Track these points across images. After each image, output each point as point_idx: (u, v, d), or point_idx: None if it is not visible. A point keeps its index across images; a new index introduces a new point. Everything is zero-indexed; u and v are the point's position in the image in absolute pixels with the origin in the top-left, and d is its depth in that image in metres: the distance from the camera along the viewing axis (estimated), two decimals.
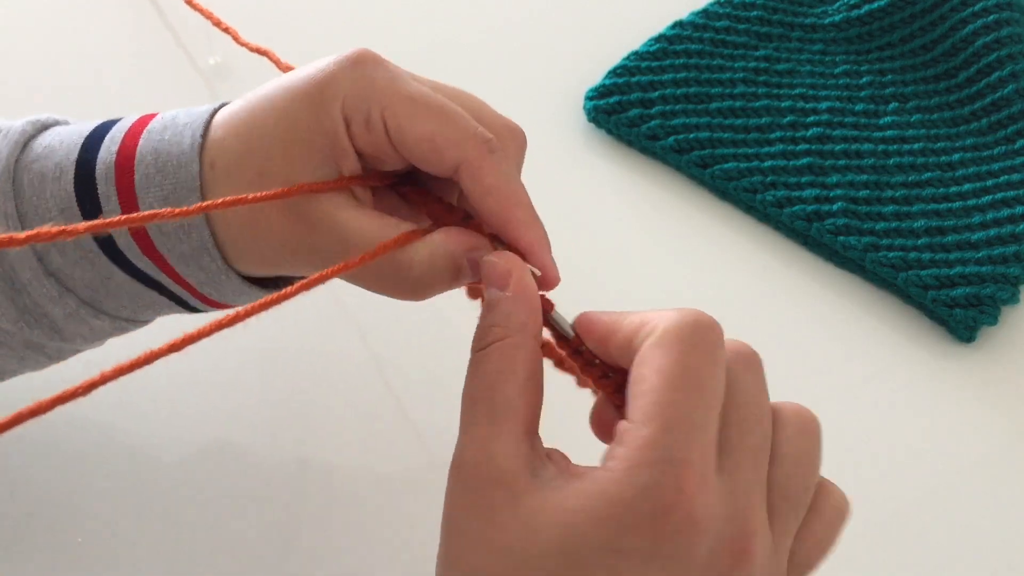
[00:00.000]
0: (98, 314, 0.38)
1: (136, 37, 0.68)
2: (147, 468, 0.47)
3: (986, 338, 0.57)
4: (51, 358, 0.41)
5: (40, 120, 0.38)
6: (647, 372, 0.30)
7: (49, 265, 0.36)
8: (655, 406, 0.29)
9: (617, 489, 0.28)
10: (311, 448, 0.49)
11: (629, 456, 0.28)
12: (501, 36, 0.71)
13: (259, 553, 0.45)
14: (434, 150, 0.34)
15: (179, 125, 0.36)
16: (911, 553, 0.49)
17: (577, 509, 0.28)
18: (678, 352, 0.30)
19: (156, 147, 0.35)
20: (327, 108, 0.34)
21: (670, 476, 0.28)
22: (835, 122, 0.65)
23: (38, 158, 0.36)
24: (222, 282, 0.36)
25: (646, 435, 0.28)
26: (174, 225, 0.35)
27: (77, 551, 0.44)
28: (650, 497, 0.28)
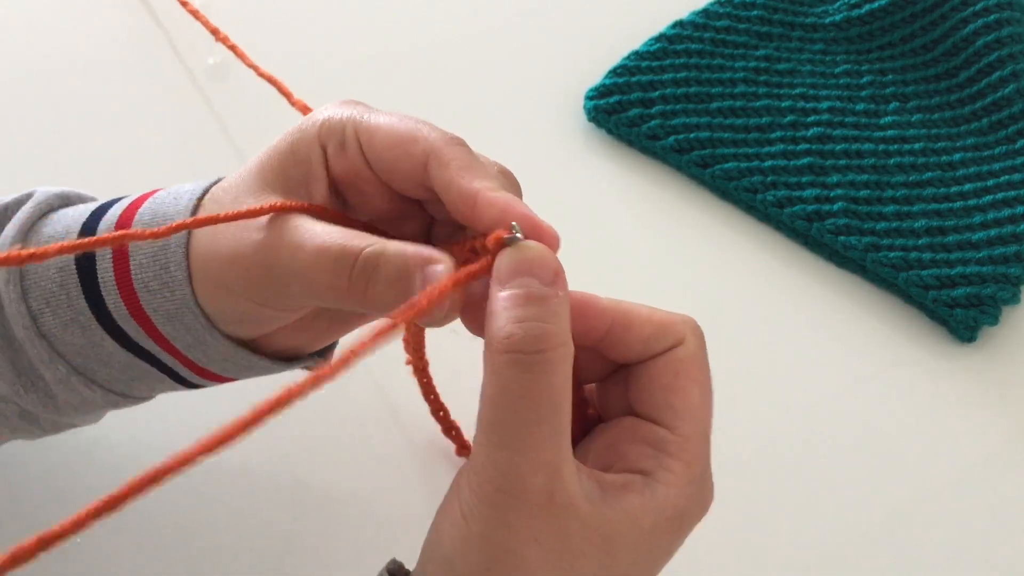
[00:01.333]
0: (90, 384, 0.37)
1: (135, 37, 0.68)
2: (146, 468, 0.47)
3: (987, 338, 0.57)
4: (44, 431, 0.41)
5: (68, 193, 0.39)
6: (689, 385, 0.32)
7: (42, 326, 0.36)
8: (700, 422, 0.31)
9: (683, 502, 0.31)
10: (308, 446, 0.49)
11: (684, 471, 0.31)
12: (501, 36, 0.71)
13: (258, 552, 0.45)
14: (402, 150, 0.33)
15: (182, 191, 0.36)
16: (911, 553, 0.49)
17: (651, 528, 0.30)
18: (706, 364, 0.32)
19: (155, 208, 0.36)
20: (304, 137, 0.34)
21: (709, 486, 0.32)
22: (836, 122, 0.64)
23: (51, 222, 0.37)
24: (208, 343, 0.36)
25: (696, 450, 0.31)
26: (159, 283, 0.35)
27: (77, 551, 0.44)
28: (701, 506, 0.32)
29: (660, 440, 0.31)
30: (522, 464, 0.28)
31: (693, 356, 0.32)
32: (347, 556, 0.46)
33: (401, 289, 0.30)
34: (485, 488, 0.29)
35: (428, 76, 0.67)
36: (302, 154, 0.34)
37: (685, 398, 0.31)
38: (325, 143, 0.34)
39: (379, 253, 0.31)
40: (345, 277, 0.31)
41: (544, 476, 0.28)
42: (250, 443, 0.49)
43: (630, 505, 0.30)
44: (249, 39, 0.65)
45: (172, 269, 0.34)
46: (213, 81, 0.65)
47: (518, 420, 0.28)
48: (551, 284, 0.29)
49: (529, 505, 0.28)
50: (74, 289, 0.35)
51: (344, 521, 0.47)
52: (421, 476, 0.49)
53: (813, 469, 0.51)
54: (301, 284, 0.32)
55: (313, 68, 0.67)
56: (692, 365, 0.32)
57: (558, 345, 0.29)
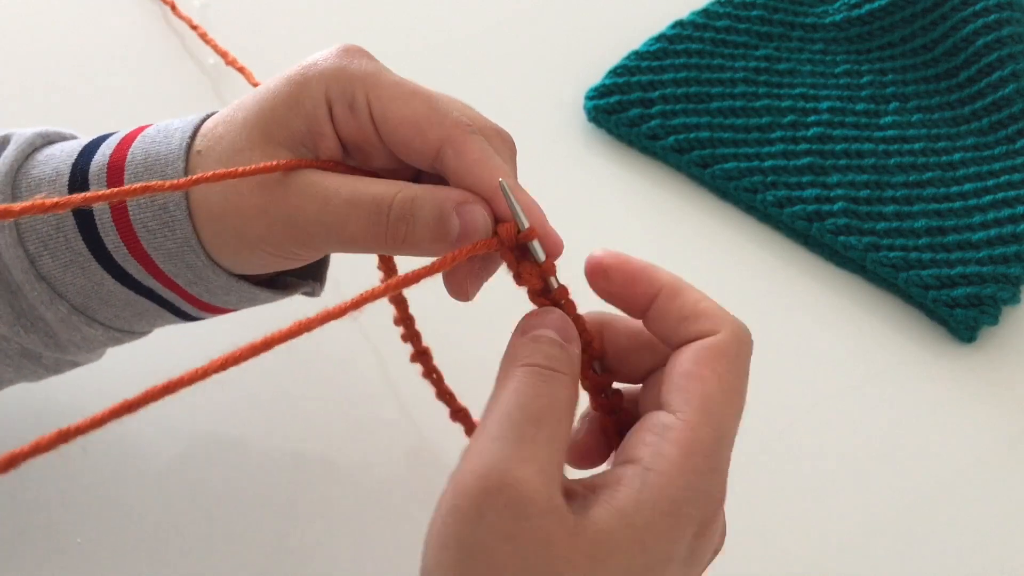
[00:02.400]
0: (91, 322, 0.38)
1: (139, 35, 0.68)
2: (146, 468, 0.47)
3: (987, 338, 0.57)
4: (48, 369, 0.41)
5: (48, 132, 0.38)
6: (708, 374, 0.30)
7: (41, 268, 0.36)
8: (712, 414, 0.29)
9: (677, 493, 0.28)
10: (309, 446, 0.49)
11: (682, 459, 0.28)
12: (501, 36, 0.71)
13: (257, 552, 0.45)
14: (418, 132, 0.33)
15: (171, 129, 0.36)
16: (911, 552, 0.49)
17: (644, 526, 0.28)
18: (739, 365, 0.31)
19: (147, 148, 0.36)
20: (308, 89, 0.34)
21: (719, 486, 0.29)
22: (836, 122, 0.64)
23: (38, 164, 0.37)
24: (209, 279, 0.36)
25: (702, 440, 0.29)
26: (158, 223, 0.35)
27: (77, 551, 0.44)
28: (705, 505, 0.29)
29: (663, 425, 0.29)
30: (513, 456, 0.28)
31: (723, 350, 0.31)
32: (343, 553, 0.46)
33: (439, 230, 0.32)
34: (468, 481, 0.28)
35: (428, 76, 0.67)
36: (307, 107, 0.34)
37: (700, 385, 0.30)
38: (332, 102, 0.34)
39: (413, 198, 0.33)
40: (382, 224, 0.33)
41: (531, 472, 0.28)
42: (249, 442, 0.49)
43: (620, 502, 0.28)
44: (249, 39, 0.65)
45: (171, 209, 0.35)
46: (221, 73, 0.65)
47: (522, 416, 0.29)
48: (568, 342, 0.32)
49: (510, 500, 0.27)
50: (71, 231, 0.35)
51: (342, 518, 0.47)
52: (428, 460, 0.49)
53: (813, 469, 0.51)
54: (330, 234, 0.33)
55: None
56: (718, 357, 0.30)
57: (568, 374, 0.31)
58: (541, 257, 0.33)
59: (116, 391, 0.41)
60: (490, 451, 0.28)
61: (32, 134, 0.38)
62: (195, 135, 0.36)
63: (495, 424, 0.29)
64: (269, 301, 0.39)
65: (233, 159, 0.34)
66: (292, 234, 0.34)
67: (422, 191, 0.33)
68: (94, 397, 0.48)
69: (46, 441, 0.23)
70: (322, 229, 0.33)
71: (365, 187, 0.33)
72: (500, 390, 0.30)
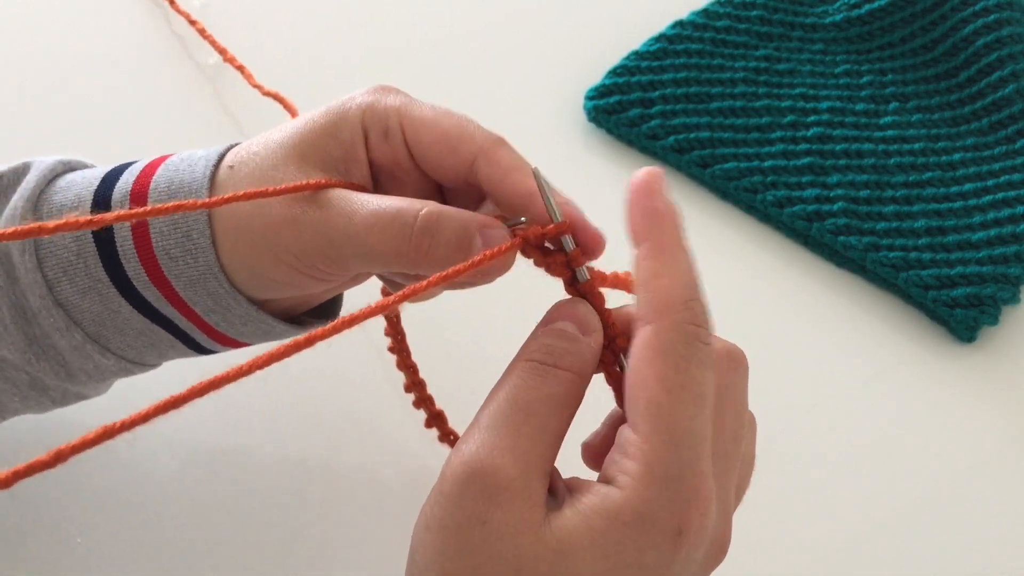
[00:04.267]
0: (104, 351, 0.38)
1: (137, 35, 0.68)
2: (146, 468, 0.47)
3: (986, 338, 0.57)
4: (54, 402, 0.41)
5: (70, 161, 0.39)
6: (647, 377, 0.29)
7: (59, 295, 0.36)
8: (662, 419, 0.29)
9: (641, 506, 0.28)
10: (312, 449, 0.49)
11: (644, 473, 0.28)
12: (501, 36, 0.71)
13: (258, 553, 0.45)
14: (450, 148, 0.35)
15: (195, 158, 0.37)
16: (911, 552, 0.49)
17: (605, 530, 0.28)
18: (679, 359, 0.29)
19: (171, 176, 0.36)
20: (347, 120, 0.36)
21: (688, 492, 0.29)
22: (836, 122, 0.64)
23: (59, 191, 0.37)
24: (230, 307, 0.37)
25: (658, 450, 0.28)
26: (181, 250, 0.35)
27: (77, 551, 0.44)
28: (676, 512, 0.28)
29: (625, 443, 0.29)
30: (497, 443, 0.29)
31: (653, 344, 0.29)
32: (346, 556, 0.46)
33: (462, 248, 0.33)
34: (453, 466, 0.29)
35: (428, 76, 0.67)
36: (344, 136, 0.36)
37: (644, 392, 0.29)
38: (368, 130, 0.36)
39: (438, 213, 0.33)
40: (406, 236, 0.33)
41: (512, 460, 0.29)
42: (251, 444, 0.49)
43: (583, 506, 0.29)
44: (249, 39, 0.65)
45: (195, 236, 0.35)
46: (221, 75, 0.65)
47: (512, 408, 0.30)
48: (586, 334, 0.32)
49: (485, 484, 0.28)
50: (91, 258, 0.36)
51: (346, 522, 0.47)
52: (431, 468, 0.49)
53: (813, 469, 0.51)
54: (358, 249, 0.34)
55: (313, 68, 0.67)
56: (654, 355, 0.29)
57: (571, 369, 0.31)
58: (570, 247, 0.34)
59: (110, 398, 0.40)
60: (475, 439, 0.30)
61: (53, 161, 0.38)
62: (219, 162, 0.36)
63: (486, 415, 0.30)
64: (284, 337, 0.39)
65: (267, 175, 0.35)
66: (319, 245, 0.34)
67: (448, 209, 0.34)
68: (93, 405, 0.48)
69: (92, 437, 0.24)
70: (348, 241, 0.34)
71: (392, 201, 0.34)
72: (501, 383, 0.31)
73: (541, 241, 0.34)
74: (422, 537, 0.30)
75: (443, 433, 0.46)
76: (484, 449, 0.29)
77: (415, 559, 0.30)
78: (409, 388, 0.45)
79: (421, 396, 0.46)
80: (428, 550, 0.29)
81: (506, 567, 0.28)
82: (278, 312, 0.39)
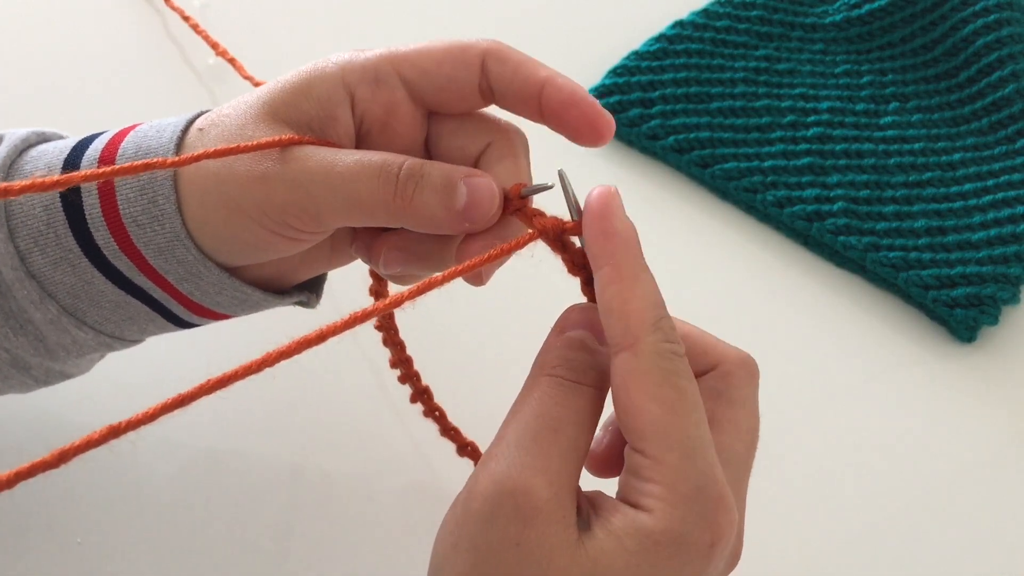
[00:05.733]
0: (81, 325, 0.37)
1: (135, 36, 0.68)
2: (146, 469, 0.47)
3: (986, 338, 0.57)
4: (37, 381, 0.40)
5: (43, 132, 0.38)
6: (643, 403, 0.29)
7: (31, 266, 0.36)
8: (668, 437, 0.29)
9: (674, 526, 0.28)
10: (310, 448, 0.49)
11: (667, 493, 0.28)
12: (501, 36, 0.71)
13: (256, 553, 0.45)
14: (459, 59, 0.34)
15: (164, 124, 0.36)
16: (911, 552, 0.49)
17: (639, 551, 0.28)
18: (667, 375, 0.29)
19: (139, 142, 0.36)
20: (322, 76, 0.35)
21: (715, 501, 0.29)
22: (836, 122, 0.64)
23: (30, 160, 0.36)
24: (201, 275, 0.36)
25: (673, 467, 0.29)
26: (147, 217, 0.35)
27: (77, 551, 0.44)
28: (708, 526, 0.29)
29: (637, 466, 0.29)
30: (528, 464, 0.29)
31: (638, 369, 0.29)
32: (342, 564, 0.46)
33: (446, 197, 0.33)
34: (483, 484, 0.29)
35: None
36: (320, 93, 0.34)
37: (643, 417, 0.29)
38: (353, 85, 0.35)
39: (422, 163, 0.33)
40: (391, 185, 0.33)
41: (544, 482, 0.28)
42: (248, 447, 0.49)
43: (615, 527, 0.29)
44: (247, 39, 0.65)
45: (160, 202, 0.34)
46: (216, 78, 0.65)
47: (540, 425, 0.30)
48: (603, 344, 0.32)
49: (518, 506, 0.28)
50: (62, 227, 0.35)
51: (344, 517, 0.47)
52: (425, 474, 0.49)
53: (813, 469, 0.51)
54: (339, 198, 0.33)
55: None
56: (641, 379, 0.29)
57: (594, 384, 0.31)
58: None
59: (113, 398, 0.41)
60: (506, 457, 0.29)
61: (26, 132, 0.38)
62: (188, 128, 0.36)
63: (514, 431, 0.30)
64: (261, 306, 0.38)
65: (236, 134, 0.34)
66: (295, 198, 0.33)
67: (430, 162, 0.33)
68: (88, 404, 0.48)
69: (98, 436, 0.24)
70: (327, 191, 0.33)
71: (373, 154, 0.33)
72: (524, 397, 0.31)
73: (559, 233, 0.33)
74: (450, 556, 0.29)
75: (428, 409, 0.45)
76: (515, 469, 0.29)
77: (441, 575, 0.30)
78: (395, 364, 0.44)
79: (407, 373, 0.44)
80: (457, 570, 0.29)
81: None
82: (255, 283, 0.38)
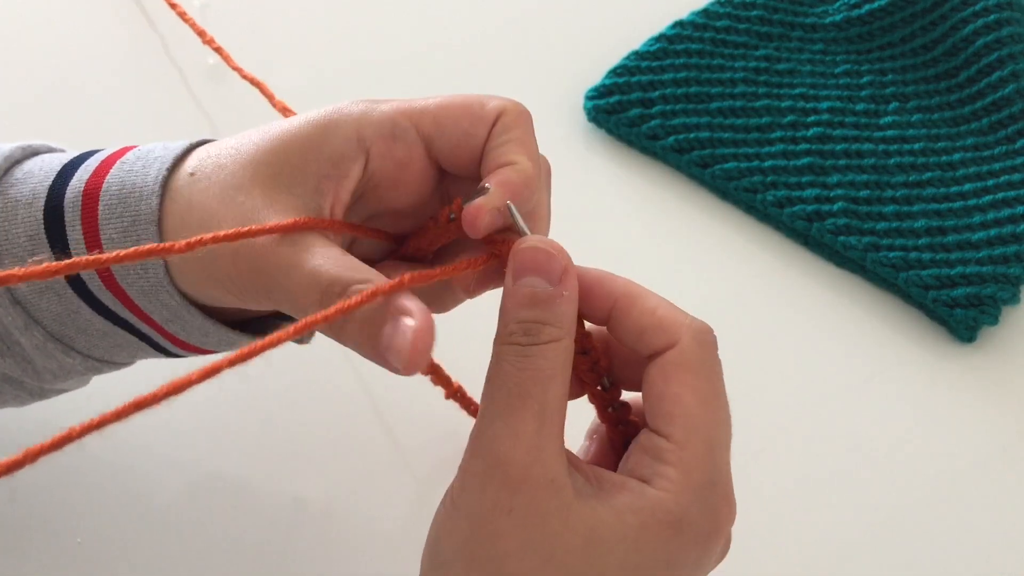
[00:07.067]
0: (68, 351, 0.37)
1: (135, 36, 0.68)
2: (146, 469, 0.47)
3: (987, 338, 0.57)
4: (32, 395, 0.40)
5: (31, 146, 0.37)
6: (681, 391, 0.30)
7: (16, 292, 0.35)
8: (696, 428, 0.30)
9: (680, 510, 0.29)
10: (308, 453, 0.49)
11: (682, 478, 0.30)
12: (501, 36, 0.71)
13: (258, 552, 0.45)
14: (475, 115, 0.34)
15: (151, 157, 0.35)
16: (911, 552, 0.49)
17: (639, 526, 0.29)
18: (707, 371, 0.31)
19: (123, 178, 0.34)
20: (338, 129, 0.33)
21: (721, 496, 0.30)
22: (836, 122, 0.64)
23: (16, 183, 0.35)
24: (185, 319, 0.35)
25: (695, 456, 0.30)
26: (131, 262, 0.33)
27: (77, 551, 0.44)
28: (711, 517, 0.30)
29: (657, 448, 0.30)
30: (504, 434, 0.29)
31: (687, 361, 0.31)
32: (335, 562, 0.46)
33: (369, 334, 0.30)
34: (470, 462, 0.30)
35: (428, 76, 0.67)
36: (333, 151, 0.33)
37: (677, 405, 0.30)
38: (370, 143, 0.33)
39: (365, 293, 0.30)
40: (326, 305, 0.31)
41: (524, 449, 0.29)
42: (248, 450, 0.49)
43: (619, 502, 0.29)
44: (246, 41, 0.65)
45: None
46: (206, 82, 0.65)
47: (507, 394, 0.30)
48: (557, 283, 0.31)
49: (506, 475, 0.29)
50: (47, 259, 0.33)
51: (331, 528, 0.47)
52: (411, 482, 0.49)
53: (812, 469, 0.51)
54: (288, 301, 0.32)
55: (312, 67, 0.67)
56: (685, 371, 0.31)
57: (552, 339, 0.30)
58: None
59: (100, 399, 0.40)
60: (483, 431, 0.30)
61: (12, 147, 0.37)
62: (175, 166, 0.34)
63: (485, 405, 0.30)
64: None
65: (228, 195, 0.33)
66: (256, 281, 0.32)
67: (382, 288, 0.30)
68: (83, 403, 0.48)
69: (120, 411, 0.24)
70: (281, 292, 0.32)
71: (330, 267, 0.31)
72: (492, 368, 0.31)
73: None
74: (447, 525, 0.30)
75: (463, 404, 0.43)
76: (493, 442, 0.29)
77: (439, 547, 0.30)
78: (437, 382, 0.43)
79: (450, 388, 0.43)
80: (454, 538, 0.30)
81: (535, 554, 0.29)
82: (244, 318, 0.37)
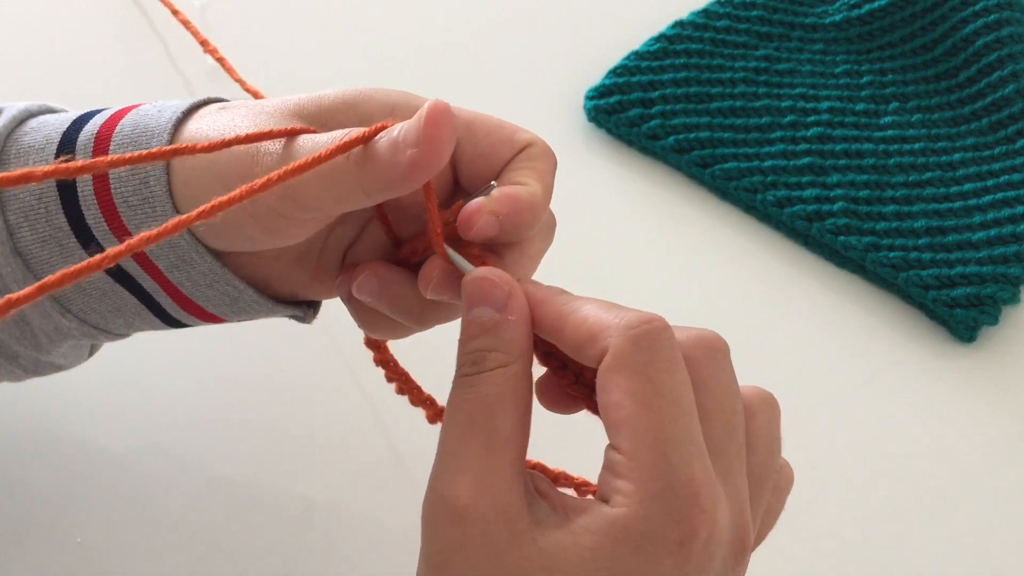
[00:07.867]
0: (64, 312, 0.36)
1: (135, 36, 0.68)
2: (146, 469, 0.47)
3: (987, 338, 0.57)
4: (27, 371, 0.40)
5: (44, 105, 0.38)
6: (619, 398, 0.29)
7: (18, 242, 0.35)
8: (641, 433, 0.28)
9: (637, 523, 0.28)
10: (307, 453, 0.49)
11: (635, 490, 0.28)
12: (501, 36, 0.71)
13: (257, 552, 0.45)
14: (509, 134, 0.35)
15: (167, 104, 0.35)
16: (911, 553, 0.49)
17: (596, 547, 0.28)
18: (641, 368, 0.29)
19: (137, 120, 0.35)
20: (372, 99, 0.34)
21: (686, 499, 0.28)
22: (836, 122, 0.64)
23: (29, 132, 0.36)
24: (192, 262, 0.35)
25: (645, 464, 0.28)
26: (139, 198, 0.34)
27: (77, 551, 0.44)
28: (676, 524, 0.27)
29: (612, 463, 0.29)
30: (450, 467, 0.29)
31: (619, 364, 0.29)
32: (335, 562, 0.46)
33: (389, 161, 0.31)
34: (427, 497, 0.30)
35: (428, 76, 0.68)
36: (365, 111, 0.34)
37: (619, 412, 0.29)
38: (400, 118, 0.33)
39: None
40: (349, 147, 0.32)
41: (470, 481, 0.28)
42: (247, 450, 0.49)
43: (577, 525, 0.28)
44: (246, 42, 0.65)
45: (151, 183, 0.33)
46: (207, 83, 0.65)
47: (454, 425, 0.30)
48: (503, 309, 0.31)
49: (452, 510, 0.28)
50: (53, 204, 0.34)
51: (331, 528, 0.47)
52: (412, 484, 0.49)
53: (812, 469, 0.51)
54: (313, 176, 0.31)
55: (312, 67, 0.67)
56: (618, 374, 0.29)
57: (499, 365, 0.30)
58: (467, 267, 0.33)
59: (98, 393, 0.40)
60: (435, 467, 0.30)
61: (27, 104, 0.37)
62: (192, 110, 0.35)
63: (441, 439, 0.30)
64: (253, 309, 0.37)
65: (260, 120, 0.33)
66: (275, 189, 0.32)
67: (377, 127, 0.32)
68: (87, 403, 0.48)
69: None
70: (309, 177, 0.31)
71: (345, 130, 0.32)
72: (448, 402, 0.31)
73: None
74: (419, 568, 0.30)
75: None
76: (443, 475, 0.29)
77: None
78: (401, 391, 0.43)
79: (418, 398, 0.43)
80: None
81: None
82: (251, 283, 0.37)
